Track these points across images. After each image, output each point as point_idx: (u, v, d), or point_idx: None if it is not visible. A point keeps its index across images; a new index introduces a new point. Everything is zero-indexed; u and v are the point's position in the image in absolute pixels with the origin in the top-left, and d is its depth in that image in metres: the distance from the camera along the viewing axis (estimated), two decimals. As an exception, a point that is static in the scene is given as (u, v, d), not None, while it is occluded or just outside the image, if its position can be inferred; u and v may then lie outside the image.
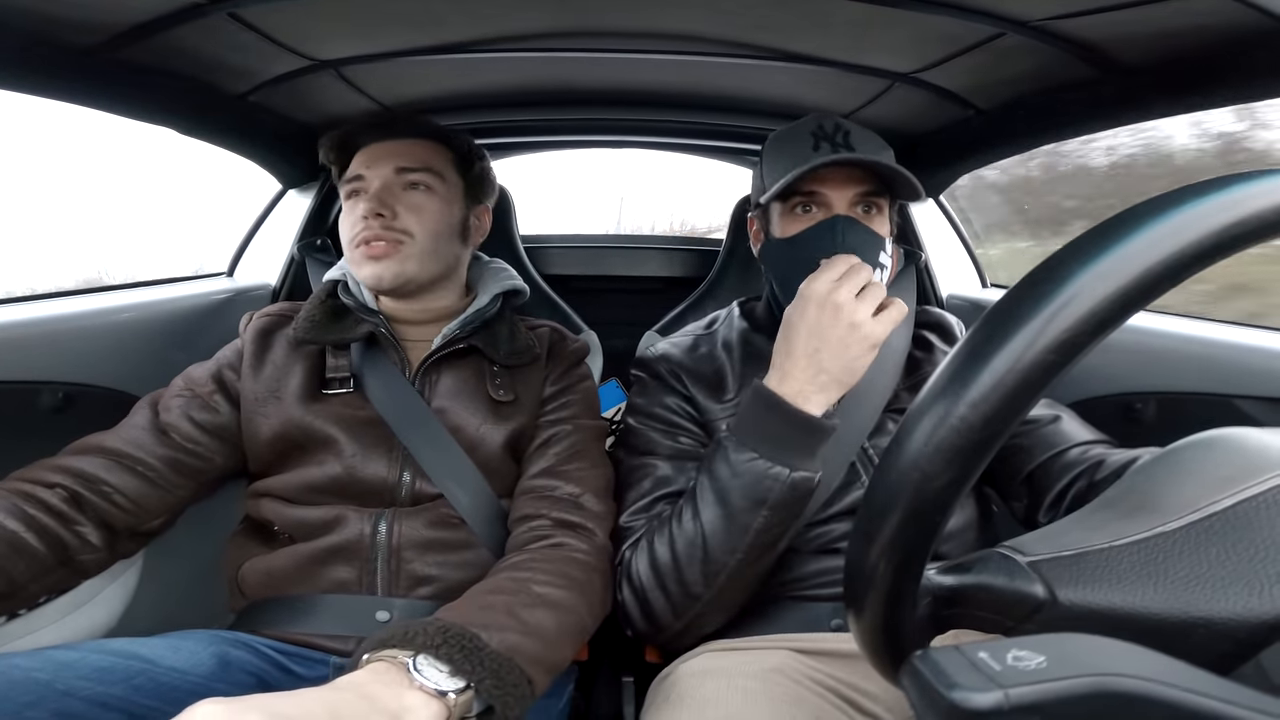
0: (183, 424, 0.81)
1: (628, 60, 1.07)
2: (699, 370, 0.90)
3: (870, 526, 0.31)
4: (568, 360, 0.96)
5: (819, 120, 0.83)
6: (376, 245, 0.85)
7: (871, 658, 0.35)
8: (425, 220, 0.88)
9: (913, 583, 0.32)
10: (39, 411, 0.89)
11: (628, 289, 1.68)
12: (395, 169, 0.88)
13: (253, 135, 1.17)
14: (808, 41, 0.96)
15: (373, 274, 0.86)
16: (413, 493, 0.82)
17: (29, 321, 0.90)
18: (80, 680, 0.60)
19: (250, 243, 1.36)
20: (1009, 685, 0.24)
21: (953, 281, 1.40)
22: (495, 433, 0.86)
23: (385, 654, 0.54)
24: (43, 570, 0.68)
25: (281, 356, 0.87)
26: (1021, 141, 1.10)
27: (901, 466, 0.29)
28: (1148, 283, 0.26)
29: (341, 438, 0.82)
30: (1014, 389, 0.27)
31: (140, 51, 0.83)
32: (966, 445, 0.27)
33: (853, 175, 0.81)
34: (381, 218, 0.85)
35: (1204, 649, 0.30)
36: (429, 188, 0.89)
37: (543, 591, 0.68)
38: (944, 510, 0.29)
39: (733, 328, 0.95)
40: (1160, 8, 0.67)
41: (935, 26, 0.83)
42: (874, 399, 0.85)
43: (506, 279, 0.99)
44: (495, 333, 0.92)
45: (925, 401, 0.29)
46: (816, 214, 0.82)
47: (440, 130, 0.94)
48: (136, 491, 0.76)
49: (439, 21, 0.92)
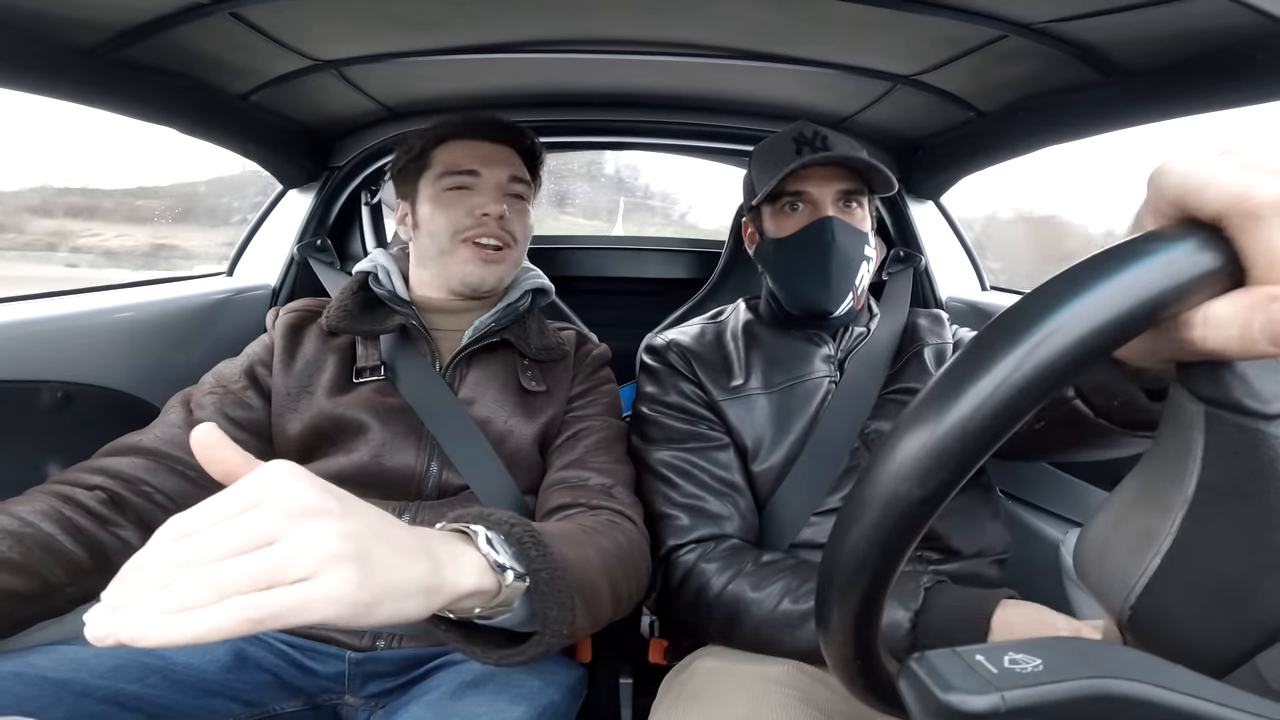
0: (218, 421, 0.80)
1: (629, 63, 1.07)
2: (707, 356, 0.94)
3: (842, 541, 0.30)
4: (593, 363, 0.97)
5: (799, 128, 0.89)
6: (493, 250, 0.88)
7: (842, 678, 0.34)
8: (524, 229, 0.93)
9: (878, 605, 0.31)
10: (38, 410, 0.89)
11: (628, 291, 1.68)
12: (510, 175, 0.91)
13: (254, 135, 1.17)
14: (809, 44, 0.96)
15: (477, 274, 0.88)
16: (439, 484, 0.82)
17: (28, 321, 0.90)
18: (96, 679, 0.60)
19: (250, 243, 1.36)
20: (1005, 688, 0.24)
21: (952, 284, 1.40)
22: (524, 426, 0.86)
23: (460, 525, 0.52)
24: (81, 573, 0.66)
25: (313, 351, 0.87)
26: (1023, 144, 1.10)
27: (881, 478, 0.28)
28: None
29: (373, 424, 0.81)
30: (990, 416, 0.25)
31: (142, 51, 0.83)
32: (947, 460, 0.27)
33: (834, 173, 0.87)
34: (502, 219, 0.87)
35: None
36: (525, 199, 0.94)
37: (603, 543, 0.66)
38: (913, 530, 0.28)
39: (739, 319, 0.99)
40: (1161, 10, 0.67)
41: (936, 29, 0.83)
42: (870, 383, 0.89)
43: (535, 277, 1.00)
44: (526, 327, 0.93)
45: (910, 416, 0.28)
46: (804, 211, 0.88)
47: (536, 147, 0.97)
48: (177, 490, 0.75)
49: (440, 23, 0.92)
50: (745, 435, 0.87)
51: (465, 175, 0.89)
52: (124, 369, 0.99)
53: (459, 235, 0.87)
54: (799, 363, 0.91)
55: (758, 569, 0.76)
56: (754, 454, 0.87)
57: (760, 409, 0.88)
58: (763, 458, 0.86)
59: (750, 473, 0.87)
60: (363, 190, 1.40)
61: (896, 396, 0.88)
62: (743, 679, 0.69)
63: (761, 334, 0.95)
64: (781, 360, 0.91)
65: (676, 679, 0.75)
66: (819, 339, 0.93)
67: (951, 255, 1.43)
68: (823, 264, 0.86)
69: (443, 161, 0.90)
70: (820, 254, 0.86)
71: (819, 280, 0.87)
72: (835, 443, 0.85)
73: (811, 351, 0.92)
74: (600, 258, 1.71)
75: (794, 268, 0.89)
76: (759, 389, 0.89)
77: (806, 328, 0.94)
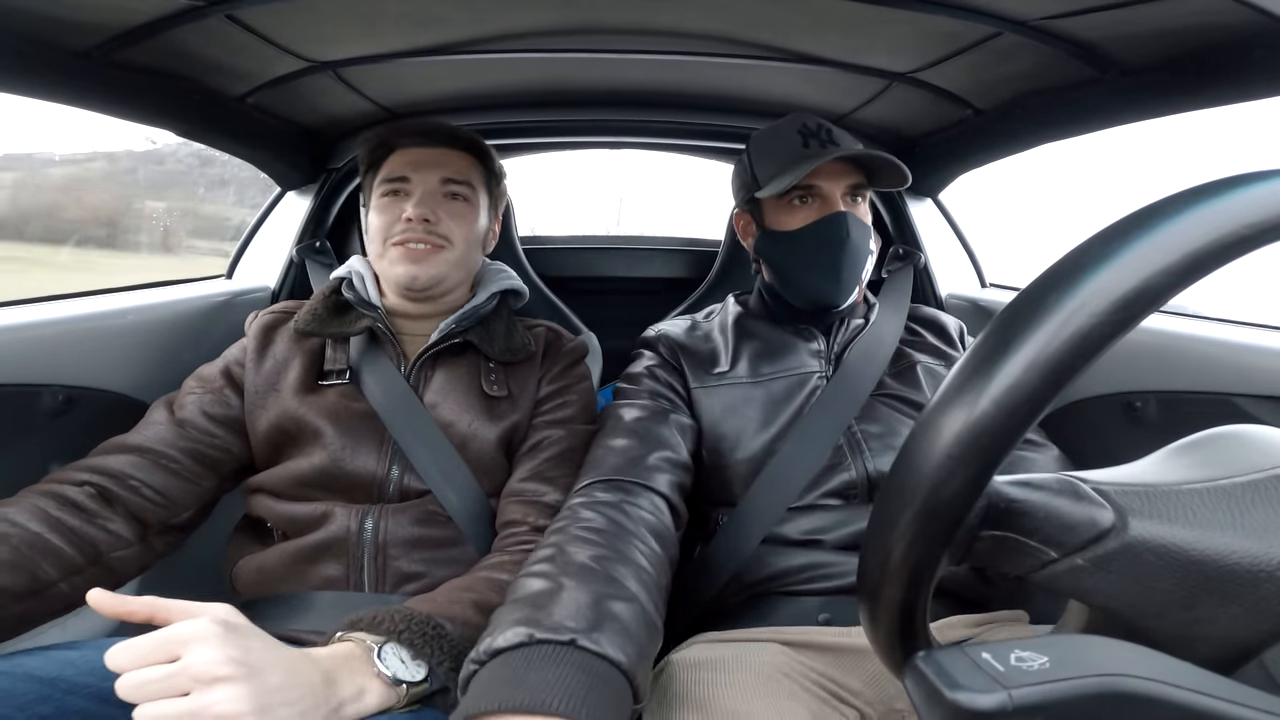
0: (198, 418, 0.84)
1: (625, 61, 1.07)
2: (695, 347, 0.95)
3: (890, 517, 0.30)
4: (565, 359, 0.96)
5: (801, 119, 0.90)
6: (417, 247, 0.88)
7: (883, 651, 0.34)
8: (463, 229, 0.92)
9: (929, 578, 0.31)
10: (40, 414, 0.89)
11: (627, 290, 1.68)
12: (441, 178, 0.92)
13: (251, 137, 1.17)
14: (806, 41, 0.96)
15: (408, 273, 0.88)
16: (401, 488, 0.83)
17: (30, 324, 0.89)
18: (83, 677, 0.62)
19: (249, 245, 1.36)
20: (1012, 686, 0.24)
21: (952, 281, 1.40)
22: (487, 430, 0.86)
23: (354, 636, 0.60)
24: (70, 569, 0.69)
25: (283, 351, 0.89)
26: (1020, 141, 1.10)
27: (923, 461, 0.28)
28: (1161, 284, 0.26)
29: (330, 430, 0.83)
30: (1039, 380, 0.26)
31: (137, 54, 0.83)
32: (988, 439, 0.27)
33: (845, 168, 0.88)
34: (427, 222, 0.88)
35: (1271, 604, 0.29)
36: (467, 199, 0.94)
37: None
38: (965, 504, 0.28)
39: (728, 313, 1.00)
40: (1157, 7, 0.67)
41: (933, 26, 0.83)
42: (863, 383, 0.88)
43: (505, 279, 1.00)
44: (491, 329, 0.93)
45: (949, 394, 0.28)
46: (814, 205, 0.88)
47: (481, 146, 0.98)
48: (163, 484, 0.79)
49: (436, 22, 0.92)
50: (725, 423, 0.87)
51: (397, 182, 0.91)
52: (125, 372, 0.99)
53: (389, 240, 0.89)
54: (788, 356, 0.91)
55: (590, 533, 0.65)
56: (733, 443, 0.86)
57: (744, 398, 0.88)
58: (743, 447, 0.86)
59: (727, 463, 0.86)
60: (361, 191, 1.40)
61: (887, 401, 0.88)
62: (727, 672, 0.69)
63: (751, 326, 0.96)
64: (770, 353, 0.92)
65: (658, 680, 0.73)
66: (809, 334, 0.93)
67: (950, 252, 1.44)
68: (835, 258, 0.87)
69: (384, 171, 0.93)
70: (833, 248, 0.87)
71: (829, 274, 0.87)
72: (819, 438, 0.84)
73: (800, 346, 0.92)
74: (599, 257, 1.70)
75: (803, 261, 0.89)
76: (745, 378, 0.90)
77: (799, 322, 0.94)
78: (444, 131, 0.95)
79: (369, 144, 0.95)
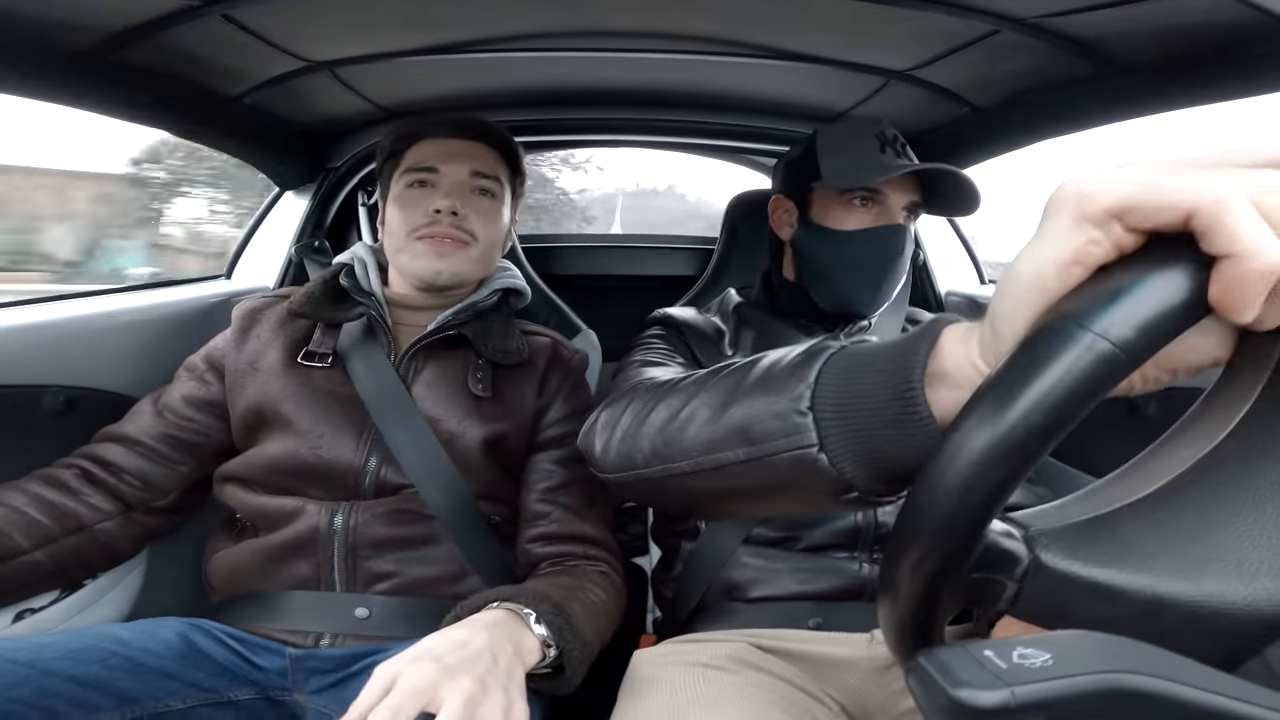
0: (177, 403, 0.85)
1: (622, 60, 1.06)
2: (701, 329, 0.93)
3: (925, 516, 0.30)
4: (573, 376, 0.96)
5: (879, 125, 0.88)
6: (445, 242, 0.87)
7: (895, 643, 0.34)
8: (488, 227, 0.91)
9: (947, 582, 0.31)
10: (41, 415, 0.89)
11: (627, 288, 1.68)
12: (471, 171, 0.90)
13: (249, 137, 1.16)
14: (802, 39, 0.96)
15: (431, 268, 0.87)
16: (377, 482, 0.80)
17: (29, 325, 0.89)
18: (58, 660, 0.63)
19: (248, 245, 1.35)
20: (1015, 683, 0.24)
21: (951, 279, 1.40)
22: (475, 429, 0.84)
23: (510, 605, 0.66)
24: (46, 538, 0.73)
25: (267, 331, 0.88)
26: (1018, 139, 1.10)
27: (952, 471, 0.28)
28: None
29: (308, 414, 0.81)
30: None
31: (133, 53, 0.83)
32: (1017, 450, 0.27)
33: (911, 184, 0.87)
34: (455, 215, 0.87)
35: (1218, 632, 0.28)
36: (494, 195, 0.92)
37: (594, 597, 0.77)
38: (991, 508, 0.28)
39: (729, 304, 0.99)
40: (1156, 4, 0.67)
41: (931, 23, 0.83)
42: None
43: (509, 277, 0.99)
44: (488, 326, 0.91)
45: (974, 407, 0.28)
46: (874, 211, 0.86)
47: (510, 143, 0.96)
48: (137, 468, 0.81)
49: (434, 21, 0.92)
50: None
51: (424, 172, 0.89)
52: (124, 373, 0.99)
53: (414, 233, 0.88)
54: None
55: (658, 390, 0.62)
56: None
57: None
58: None
59: None
60: (360, 191, 1.39)
61: None
62: (689, 666, 0.70)
63: (752, 316, 0.95)
64: (771, 345, 0.90)
65: (625, 680, 0.74)
66: (812, 330, 0.92)
67: (949, 250, 1.44)
68: (880, 268, 0.86)
69: (408, 160, 0.91)
70: (883, 258, 0.85)
71: (870, 282, 0.86)
72: None
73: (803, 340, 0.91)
74: (599, 256, 1.71)
75: (849, 263, 0.86)
76: None
77: (808, 319, 0.93)
78: (476, 124, 0.93)
79: (394, 133, 0.93)
